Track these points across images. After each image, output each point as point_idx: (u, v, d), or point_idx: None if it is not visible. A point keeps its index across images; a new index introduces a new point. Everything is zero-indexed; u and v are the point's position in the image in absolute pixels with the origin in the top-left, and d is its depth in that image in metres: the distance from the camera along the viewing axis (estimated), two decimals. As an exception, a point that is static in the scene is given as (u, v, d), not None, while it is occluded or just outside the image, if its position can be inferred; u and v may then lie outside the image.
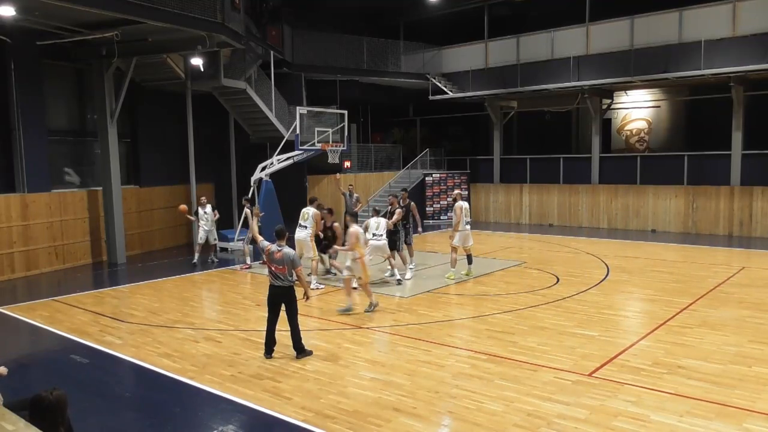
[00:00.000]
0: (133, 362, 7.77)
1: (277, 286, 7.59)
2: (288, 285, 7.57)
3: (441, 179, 23.76)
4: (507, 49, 22.26)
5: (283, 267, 7.52)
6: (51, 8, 11.29)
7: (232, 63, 17.51)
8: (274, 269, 7.57)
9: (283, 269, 7.51)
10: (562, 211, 22.00)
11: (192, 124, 16.78)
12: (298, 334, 7.67)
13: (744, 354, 7.49)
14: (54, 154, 14.99)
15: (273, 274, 7.60)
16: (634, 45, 19.24)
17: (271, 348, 7.72)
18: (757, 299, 10.31)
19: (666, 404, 6.01)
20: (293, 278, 7.60)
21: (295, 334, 7.65)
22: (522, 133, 26.19)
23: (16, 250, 13.56)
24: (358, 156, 23.71)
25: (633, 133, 23.13)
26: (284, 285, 7.56)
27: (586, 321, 9.16)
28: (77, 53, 14.71)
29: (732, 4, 17.58)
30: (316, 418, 5.87)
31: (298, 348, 7.65)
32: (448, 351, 7.85)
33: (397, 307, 10.29)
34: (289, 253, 7.59)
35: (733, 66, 17.27)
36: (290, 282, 7.58)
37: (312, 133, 15.62)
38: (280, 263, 7.52)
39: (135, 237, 16.55)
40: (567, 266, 13.68)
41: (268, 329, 7.71)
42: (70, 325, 9.52)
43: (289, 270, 7.54)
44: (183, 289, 12.19)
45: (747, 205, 18.27)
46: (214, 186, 19.84)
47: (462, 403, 6.16)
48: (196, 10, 13.04)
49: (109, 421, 6.11)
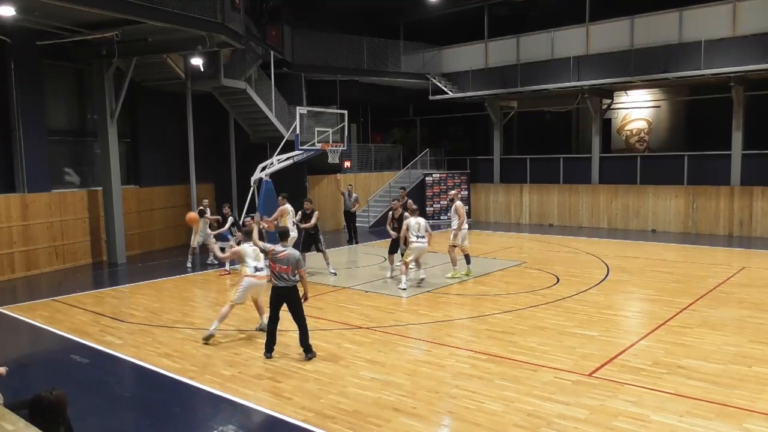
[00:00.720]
0: (133, 362, 7.76)
1: (281, 287, 7.56)
2: (291, 285, 7.57)
3: (441, 179, 23.76)
4: (507, 49, 22.26)
5: (287, 267, 7.52)
6: (51, 8, 11.29)
7: (232, 63, 17.52)
8: (278, 269, 7.55)
9: (287, 269, 7.51)
10: (562, 211, 22.00)
11: (192, 124, 16.79)
12: (307, 333, 7.65)
13: (744, 354, 7.49)
14: (54, 154, 14.99)
15: (276, 274, 7.57)
16: (634, 45, 19.24)
17: (271, 348, 7.72)
18: (757, 299, 10.31)
19: (666, 404, 6.01)
20: (296, 278, 7.61)
21: (304, 333, 7.63)
22: (522, 133, 26.19)
23: (16, 250, 13.56)
24: (358, 156, 23.71)
25: (633, 133, 23.13)
26: (288, 285, 7.55)
27: (586, 321, 9.16)
28: (77, 53, 14.71)
29: (732, 4, 17.58)
30: (316, 418, 5.87)
31: (307, 347, 7.63)
32: (448, 351, 7.85)
33: (397, 307, 10.29)
34: (294, 254, 7.64)
35: (733, 66, 17.27)
36: (294, 282, 7.58)
37: (312, 133, 15.64)
38: (284, 263, 7.53)
39: (135, 237, 16.55)
40: (567, 266, 13.68)
41: (270, 329, 7.71)
42: (70, 325, 9.52)
43: (293, 270, 7.54)
44: (183, 289, 12.19)
45: (747, 205, 18.27)
46: (214, 186, 19.84)
47: (462, 403, 6.16)
48: (196, 10, 13.05)
49: (109, 421, 6.11)
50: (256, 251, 8.45)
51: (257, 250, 8.44)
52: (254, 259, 8.38)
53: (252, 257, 8.38)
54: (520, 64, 21.79)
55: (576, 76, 20.44)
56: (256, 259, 8.37)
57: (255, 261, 8.37)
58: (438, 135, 28.21)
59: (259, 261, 8.38)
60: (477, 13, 23.01)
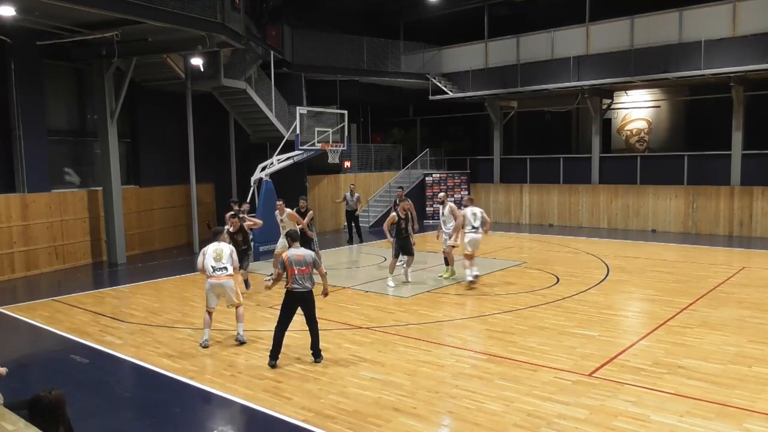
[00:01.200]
0: (133, 362, 7.77)
1: (299, 292, 7.36)
2: (309, 289, 7.42)
3: (441, 179, 23.76)
4: (507, 49, 22.26)
5: (306, 268, 7.36)
6: (51, 8, 11.29)
7: (232, 63, 17.52)
8: (297, 272, 7.32)
9: (306, 270, 7.36)
10: (562, 211, 22.00)
11: (192, 124, 16.79)
12: (318, 337, 7.56)
13: (744, 354, 7.49)
14: (54, 154, 14.99)
15: (295, 278, 7.33)
16: (634, 45, 19.23)
17: (276, 356, 7.41)
18: (757, 299, 10.31)
19: (666, 404, 6.01)
20: (313, 282, 7.47)
21: (316, 336, 7.53)
22: (522, 133, 26.19)
23: (17, 250, 13.56)
24: (358, 156, 23.69)
25: (633, 133, 23.13)
26: (305, 290, 7.38)
27: (586, 321, 9.16)
28: (77, 53, 14.71)
29: (732, 4, 17.58)
30: (316, 418, 5.87)
31: (318, 351, 7.53)
32: (448, 351, 7.85)
33: (397, 307, 10.29)
34: (309, 253, 7.54)
35: (733, 66, 17.27)
36: (311, 286, 7.44)
37: (312, 133, 15.64)
38: (302, 264, 7.35)
39: (135, 237, 16.55)
40: (567, 266, 13.68)
41: (278, 336, 7.41)
42: (70, 325, 9.52)
43: (311, 271, 7.41)
44: (183, 289, 12.19)
45: (747, 205, 18.27)
46: (214, 186, 19.85)
47: (462, 403, 6.16)
48: (196, 10, 13.04)
49: (109, 421, 6.11)
50: (218, 251, 8.17)
51: (218, 250, 8.17)
52: (214, 259, 8.14)
53: (211, 257, 8.14)
54: (520, 64, 21.79)
55: (576, 76, 20.44)
56: (215, 260, 8.13)
57: (213, 261, 8.12)
58: (438, 135, 28.20)
59: (220, 261, 8.12)
60: (477, 13, 23.01)
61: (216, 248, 8.23)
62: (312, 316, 7.50)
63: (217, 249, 8.22)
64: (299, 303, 7.44)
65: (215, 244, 8.30)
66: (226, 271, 8.15)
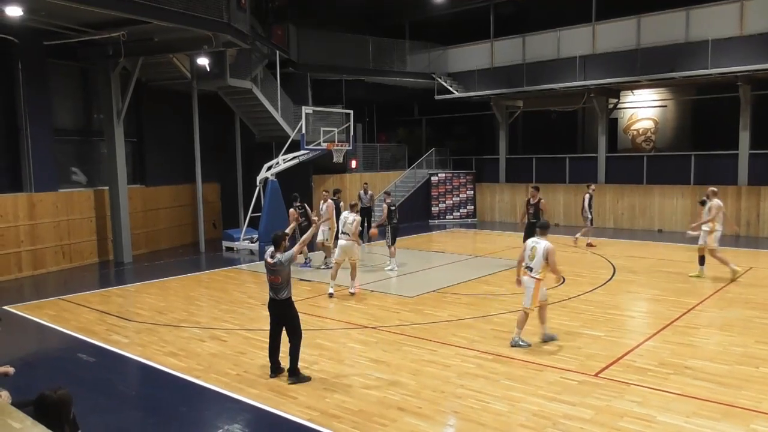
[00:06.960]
0: (139, 361, 7.79)
1: (272, 299, 6.94)
2: (284, 299, 6.84)
3: (446, 179, 23.75)
4: (513, 49, 22.21)
5: (276, 277, 6.78)
6: (57, 8, 11.33)
7: (237, 63, 17.53)
8: (269, 279, 6.92)
9: (277, 279, 6.77)
10: (568, 210, 21.92)
11: (198, 124, 16.83)
12: (296, 357, 6.83)
13: (750, 354, 7.45)
14: (61, 153, 15.05)
15: (269, 284, 6.97)
16: (641, 44, 19.15)
17: (275, 371, 7.00)
18: (764, 300, 10.25)
19: (672, 405, 5.99)
20: (289, 292, 6.89)
21: (294, 355, 6.81)
22: (528, 132, 26.13)
23: (24, 249, 13.62)
24: (364, 155, 23.68)
25: (639, 132, 23.04)
26: (280, 298, 6.84)
27: (592, 321, 9.13)
28: (84, 53, 14.77)
29: (739, 3, 17.47)
30: (321, 418, 5.87)
31: (293, 371, 6.82)
32: (453, 351, 7.84)
33: (402, 306, 10.29)
34: (285, 256, 6.78)
35: (740, 65, 17.17)
36: (287, 296, 6.86)
37: (317, 133, 15.66)
38: (273, 273, 6.82)
39: (141, 236, 16.60)
40: (573, 266, 13.62)
41: (269, 351, 7.06)
42: (76, 323, 9.56)
43: (285, 280, 6.79)
44: (189, 288, 12.23)
45: (754, 205, 18.16)
46: (220, 185, 19.90)
47: (467, 403, 6.15)
48: (202, 10, 13.06)
49: (115, 420, 6.13)
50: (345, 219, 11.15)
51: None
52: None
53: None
54: (526, 64, 21.73)
55: (582, 75, 20.37)
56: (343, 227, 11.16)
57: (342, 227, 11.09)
58: (443, 134, 28.19)
59: None
60: (482, 13, 22.97)
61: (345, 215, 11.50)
62: (288, 329, 6.88)
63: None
64: (273, 312, 6.99)
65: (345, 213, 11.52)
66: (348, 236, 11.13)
